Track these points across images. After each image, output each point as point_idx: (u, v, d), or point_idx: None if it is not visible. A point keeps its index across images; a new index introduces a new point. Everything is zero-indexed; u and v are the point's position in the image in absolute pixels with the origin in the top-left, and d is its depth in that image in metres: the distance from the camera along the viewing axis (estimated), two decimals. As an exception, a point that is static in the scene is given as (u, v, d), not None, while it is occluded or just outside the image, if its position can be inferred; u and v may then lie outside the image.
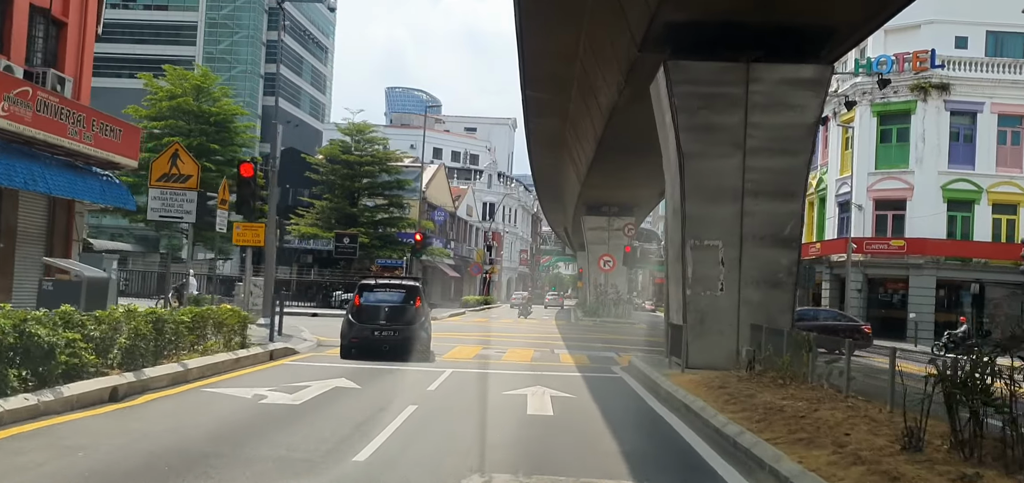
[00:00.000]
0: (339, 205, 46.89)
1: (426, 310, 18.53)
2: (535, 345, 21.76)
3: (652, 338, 27.66)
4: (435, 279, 61.11)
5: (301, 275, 48.49)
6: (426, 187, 56.69)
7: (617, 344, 23.81)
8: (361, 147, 48.10)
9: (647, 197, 40.01)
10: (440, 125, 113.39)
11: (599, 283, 42.36)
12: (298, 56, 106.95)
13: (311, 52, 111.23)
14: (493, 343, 21.89)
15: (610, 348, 22.04)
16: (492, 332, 27.15)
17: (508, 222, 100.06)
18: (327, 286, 41.95)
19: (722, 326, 14.00)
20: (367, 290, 18.14)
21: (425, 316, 18.07)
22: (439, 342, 20.28)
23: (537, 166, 41.42)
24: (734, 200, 14.02)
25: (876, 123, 38.59)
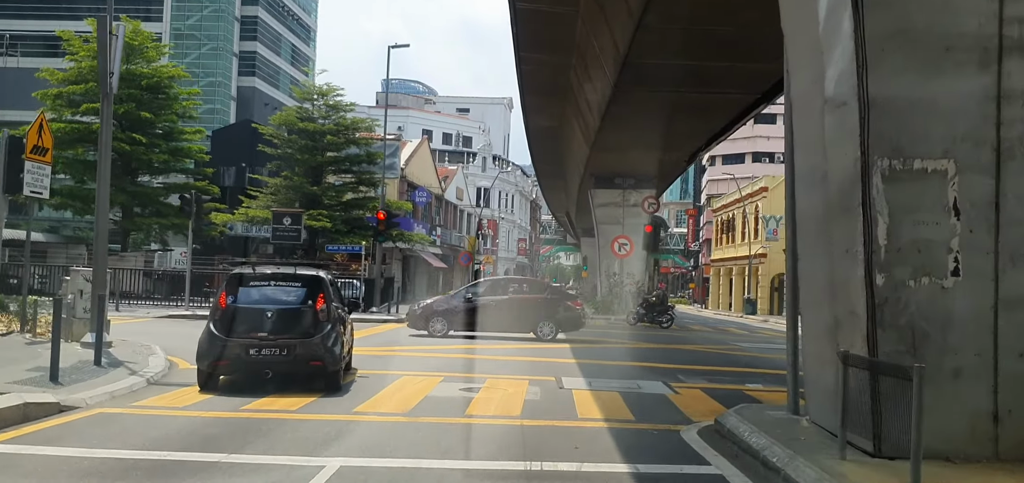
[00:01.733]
0: (299, 184, 38.94)
1: (338, 316, 10.87)
2: (531, 368, 13.86)
3: (698, 345, 19.75)
4: (418, 271, 53.10)
5: (255, 268, 40.42)
6: (406, 164, 48.70)
7: (655, 361, 15.91)
8: (324, 114, 40.08)
9: (673, 163, 32.05)
10: (430, 106, 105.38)
11: (613, 272, 34.43)
12: (276, 33, 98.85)
13: (291, 30, 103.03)
14: (468, 365, 13.96)
15: (650, 372, 14.16)
16: (476, 342, 19.21)
17: (504, 208, 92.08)
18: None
19: (959, 358, 6.11)
20: (241, 284, 10.37)
21: (335, 325, 10.53)
22: (386, 363, 13.19)
23: (534, 128, 33.48)
24: (982, 64, 6.06)
25: None
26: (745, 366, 16.02)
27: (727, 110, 21.32)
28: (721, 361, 17.13)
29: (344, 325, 11.22)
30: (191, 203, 25.35)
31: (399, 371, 12.75)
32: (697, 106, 20.89)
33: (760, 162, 74.09)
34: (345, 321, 11.31)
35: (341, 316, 11.06)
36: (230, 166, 48.24)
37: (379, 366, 13.46)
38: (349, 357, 12.42)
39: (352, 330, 12.91)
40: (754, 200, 55.13)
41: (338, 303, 11.28)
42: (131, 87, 37.68)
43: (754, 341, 24.50)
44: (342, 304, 12.02)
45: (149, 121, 38.20)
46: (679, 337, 24.74)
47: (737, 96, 19.68)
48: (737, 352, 19.58)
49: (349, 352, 12.25)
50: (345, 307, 12.24)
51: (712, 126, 23.66)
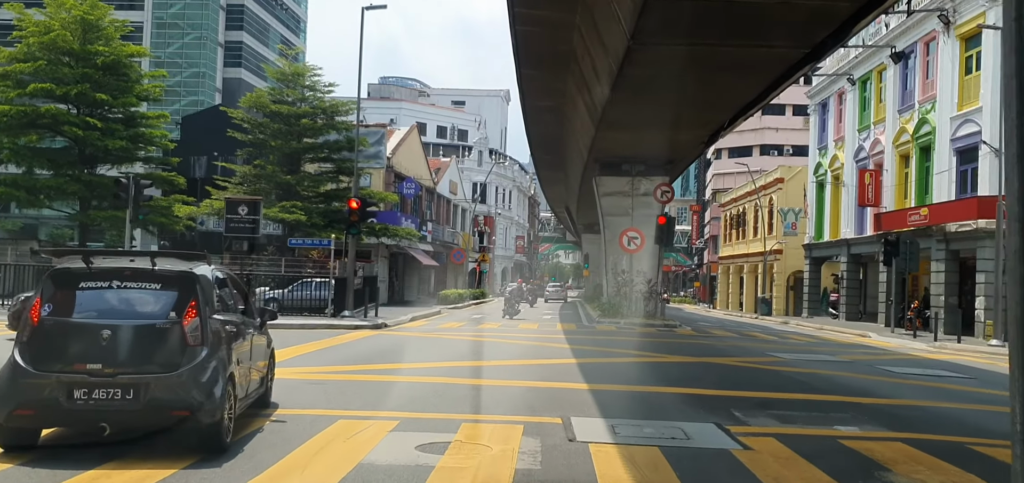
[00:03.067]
0: (272, 172, 35.14)
1: (224, 334, 7.02)
2: (529, 400, 10.08)
3: (731, 358, 15.92)
4: (408, 269, 49.23)
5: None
6: (393, 153, 44.85)
7: (690, 384, 12.10)
8: (301, 96, 36.25)
9: (689, 144, 28.17)
10: (425, 98, 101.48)
11: (621, 269, 30.55)
12: (264, 23, 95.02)
13: (280, 19, 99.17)
14: (440, 397, 10.12)
15: (690, 403, 10.36)
16: (456, 359, 15.46)
17: (502, 204, 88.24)
18: (248, 280, 30.10)
19: None
20: (66, 286, 6.49)
21: (217, 350, 6.71)
22: (331, 393, 9.74)
23: (532, 109, 29.64)
24: None
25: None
26: (809, 390, 12.22)
27: (767, 71, 17.50)
28: (772, 382, 13.31)
29: (240, 346, 7.43)
30: (128, 188, 21.49)
31: (341, 410, 8.92)
32: (731, 64, 17.06)
33: (768, 155, 70.51)
34: (240, 340, 7.51)
35: (233, 333, 7.24)
36: (202, 155, 44.42)
37: (318, 398, 9.65)
38: (264, 389, 8.66)
39: (271, 351, 9.14)
40: (768, 192, 51.35)
41: (230, 315, 7.46)
42: (86, 66, 34.00)
43: (789, 349, 20.73)
44: (247, 313, 8.27)
45: (106, 104, 34.44)
46: (705, 346, 20.92)
47: (784, 48, 15.90)
48: (784, 367, 15.79)
49: (261, 383, 8.48)
50: (255, 318, 8.47)
51: (744, 94, 19.81)
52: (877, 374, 15.27)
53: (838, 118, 40.62)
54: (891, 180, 33.84)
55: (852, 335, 29.00)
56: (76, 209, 35.94)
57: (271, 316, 8.94)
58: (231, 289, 8.04)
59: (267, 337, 8.92)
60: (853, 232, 37.76)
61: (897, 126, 33.44)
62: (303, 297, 26.38)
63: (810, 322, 37.44)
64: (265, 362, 8.69)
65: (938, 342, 24.12)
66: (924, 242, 29.31)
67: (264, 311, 8.85)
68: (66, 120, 33.53)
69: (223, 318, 7.11)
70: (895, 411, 10.76)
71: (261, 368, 8.45)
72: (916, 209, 30.49)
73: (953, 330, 27.26)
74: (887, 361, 18.35)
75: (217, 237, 39.61)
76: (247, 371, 7.67)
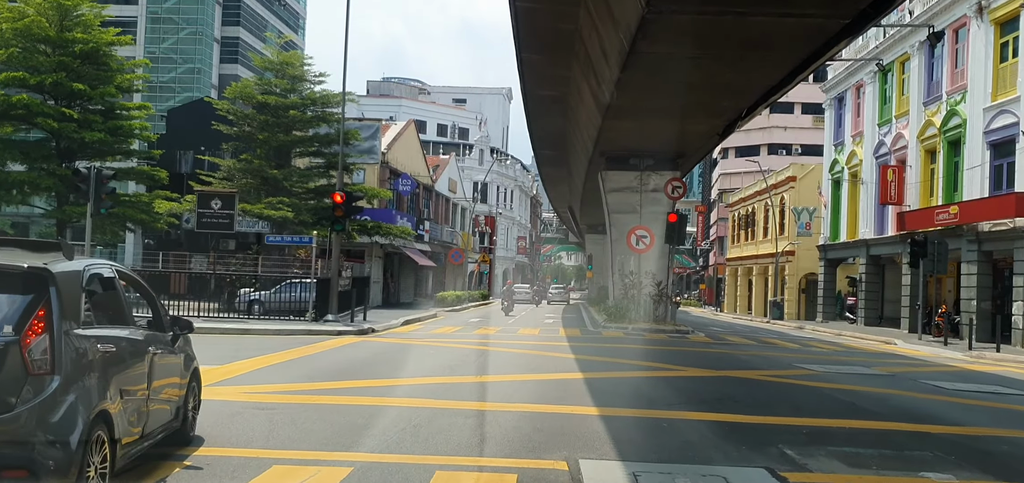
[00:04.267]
0: (258, 167, 33.13)
1: (92, 357, 4.91)
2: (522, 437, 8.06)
3: (757, 372, 13.88)
4: (403, 270, 47.24)
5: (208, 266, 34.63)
6: (388, 148, 42.88)
7: (718, 406, 10.11)
8: (289, 86, 34.24)
9: (703, 136, 26.10)
10: (425, 96, 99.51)
11: (629, 270, 28.52)
12: (261, 18, 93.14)
13: (278, 15, 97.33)
14: (415, 430, 8.12)
15: (725, 433, 8.39)
16: (444, 374, 13.51)
17: (503, 203, 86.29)
18: (232, 280, 28.18)
19: None
20: None
21: (82, 378, 4.71)
22: (280, 422, 7.78)
23: (534, 99, 27.66)
24: None
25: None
26: (861, 414, 10.23)
27: (798, 46, 15.48)
28: (815, 404, 11.31)
29: (129, 370, 5.49)
30: (87, 180, 19.50)
31: (282, 449, 6.95)
32: (757, 38, 15.06)
33: (776, 154, 68.53)
34: (130, 362, 5.58)
35: (113, 355, 5.27)
36: (188, 150, 42.49)
37: (259, 431, 7.67)
38: (181, 421, 6.78)
39: (193, 371, 7.20)
40: (779, 191, 49.32)
41: (111, 329, 5.51)
42: (63, 54, 32.04)
43: (816, 359, 18.75)
44: (155, 325, 6.42)
45: (83, 94, 32.46)
46: (725, 356, 18.91)
47: (819, 18, 13.92)
48: (820, 383, 13.78)
49: (176, 414, 6.59)
50: (166, 330, 6.53)
51: (770, 74, 17.78)
52: (927, 391, 13.27)
53: (856, 112, 38.57)
54: (915, 176, 31.79)
55: (875, 342, 26.99)
56: (53, 205, 33.98)
57: (186, 328, 6.94)
58: (124, 293, 6.07)
59: (184, 354, 7.03)
60: (872, 232, 35.72)
61: (923, 119, 31.39)
62: (288, 299, 24.48)
63: (826, 327, 35.39)
64: (180, 387, 6.81)
65: (974, 351, 22.10)
66: (953, 243, 27.27)
67: (178, 321, 6.88)
68: (40, 111, 31.57)
69: (96, 334, 5.16)
70: (977, 444, 8.78)
71: (172, 396, 6.56)
72: (944, 207, 28.46)
73: (986, 337, 25.31)
74: (927, 374, 16.36)
75: (204, 235, 37.79)
76: (142, 403, 5.78)
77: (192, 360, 7.25)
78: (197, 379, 7.36)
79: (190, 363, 7.15)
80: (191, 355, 7.25)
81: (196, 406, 7.30)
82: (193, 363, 7.25)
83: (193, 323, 7.09)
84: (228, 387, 10.12)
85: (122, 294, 6.07)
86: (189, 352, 7.20)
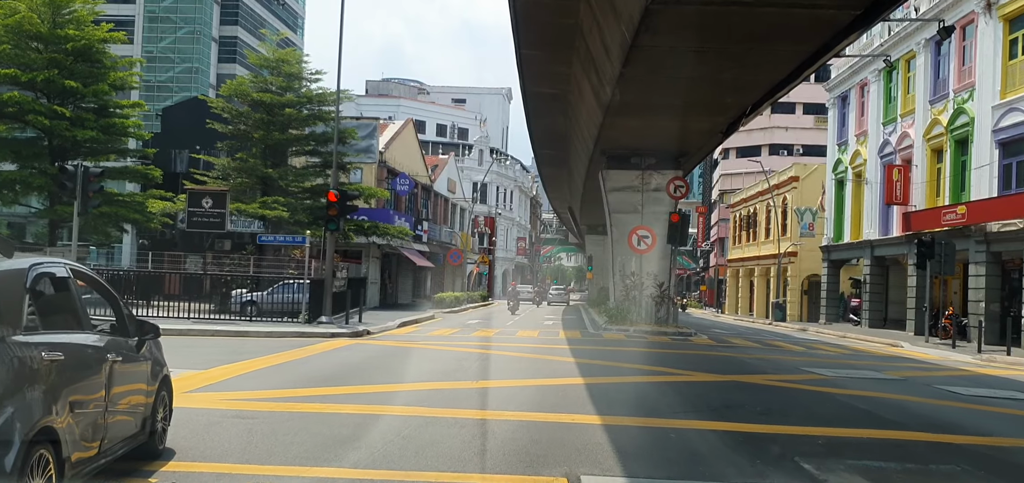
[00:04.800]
0: (253, 166, 32.56)
1: (34, 367, 4.40)
2: (519, 449, 7.50)
3: (764, 376, 13.29)
4: (401, 270, 46.69)
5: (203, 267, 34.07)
6: (386, 147, 42.34)
7: (728, 415, 9.55)
8: (284, 84, 33.66)
9: (706, 134, 25.55)
10: (424, 95, 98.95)
11: (630, 271, 27.96)
12: (259, 17, 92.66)
13: (277, 15, 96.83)
14: (405, 442, 7.57)
15: (739, 445, 7.85)
16: (439, 379, 12.98)
17: (503, 204, 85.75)
18: (226, 281, 27.58)
19: None
20: None
21: (20, 390, 4.21)
22: (266, 429, 7.25)
23: (534, 96, 27.12)
24: None
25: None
26: (879, 423, 9.69)
27: (808, 38, 14.92)
28: (829, 411, 10.76)
29: (83, 380, 5.01)
30: (74, 178, 18.93)
31: (259, 465, 6.40)
32: (766, 31, 14.50)
33: (778, 155, 68.04)
34: (84, 371, 5.07)
35: (60, 363, 4.70)
36: (183, 149, 41.92)
37: (236, 443, 7.12)
38: (148, 433, 6.24)
39: (163, 379, 6.65)
40: (782, 192, 48.78)
41: (61, 335, 4.98)
42: (54, 51, 31.49)
43: (824, 363, 18.22)
44: (118, 329, 5.91)
45: (75, 92, 31.88)
46: (730, 360, 18.35)
47: (831, 10, 13.37)
48: (832, 389, 13.21)
49: (142, 426, 6.07)
50: (131, 336, 6.03)
51: (778, 69, 17.19)
52: (943, 397, 12.73)
53: (860, 111, 38.03)
54: (921, 176, 31.24)
55: (881, 345, 26.45)
56: (45, 204, 33.42)
57: (152, 332, 6.35)
58: (78, 295, 5.49)
59: (151, 361, 6.43)
60: (877, 232, 35.17)
61: (929, 118, 30.85)
62: (283, 300, 23.93)
63: (830, 329, 34.84)
64: (146, 396, 6.22)
65: (984, 354, 21.54)
66: (960, 243, 26.74)
67: (144, 326, 6.29)
68: (32, 109, 31.01)
69: (41, 340, 4.61)
70: (1006, 455, 8.24)
71: (136, 406, 5.99)
72: (952, 207, 27.93)
73: (995, 340, 24.78)
74: (940, 378, 15.82)
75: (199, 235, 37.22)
76: (98, 416, 5.22)
77: (161, 367, 6.67)
78: (167, 388, 6.79)
79: (158, 370, 6.57)
80: (160, 361, 6.69)
81: (166, 416, 6.73)
82: (162, 370, 6.67)
83: (160, 327, 6.50)
84: (208, 394, 9.57)
85: (77, 296, 5.46)
86: (158, 358, 6.63)
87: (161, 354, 6.78)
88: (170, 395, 6.89)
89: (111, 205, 31.99)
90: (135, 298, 26.64)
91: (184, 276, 28.10)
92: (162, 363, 6.74)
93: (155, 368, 6.49)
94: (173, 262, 30.49)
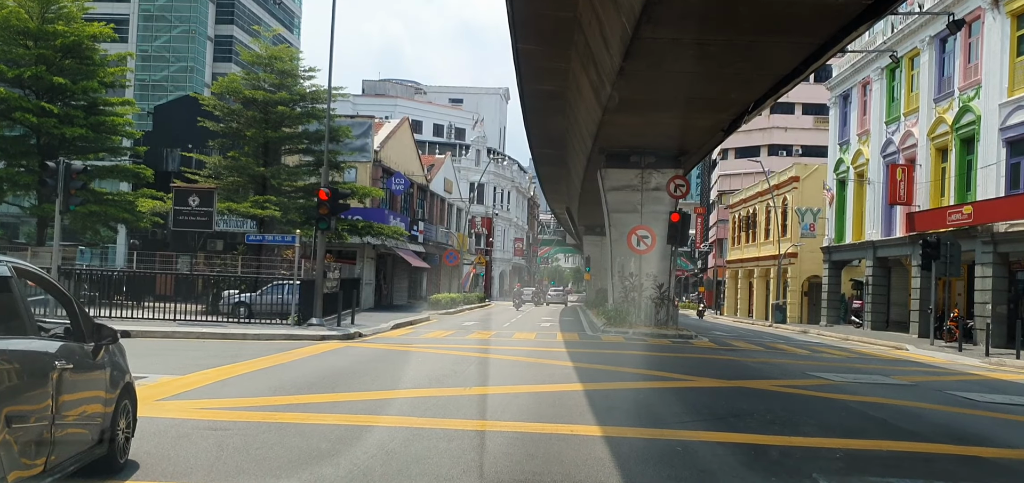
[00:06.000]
0: (245, 165, 31.93)
1: None
2: (513, 469, 6.87)
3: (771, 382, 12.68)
4: (397, 271, 46.09)
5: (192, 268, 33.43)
6: (381, 146, 41.72)
7: (741, 430, 8.95)
8: (277, 82, 33.02)
9: (707, 131, 24.95)
10: (421, 95, 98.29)
11: (629, 272, 27.37)
12: (255, 16, 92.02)
13: (273, 14, 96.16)
14: (388, 458, 6.95)
15: (749, 462, 7.24)
16: (430, 385, 12.37)
17: (500, 205, 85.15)
18: (216, 282, 26.91)
19: None
20: None
21: None
22: (238, 441, 6.51)
23: (532, 95, 26.52)
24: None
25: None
26: (895, 433, 9.11)
27: (816, 28, 14.31)
28: (841, 420, 10.16)
29: (26, 390, 4.62)
30: (56, 175, 18.30)
31: (224, 481, 5.79)
32: (773, 21, 13.90)
33: (777, 155, 67.50)
34: (28, 380, 4.69)
35: None
36: (175, 147, 41.27)
37: (204, 458, 6.51)
38: (107, 446, 5.75)
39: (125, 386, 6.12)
40: (782, 192, 48.22)
41: None
42: (43, 47, 30.88)
43: (830, 367, 17.65)
44: (72, 334, 5.52)
45: (64, 88, 31.24)
46: (733, 364, 17.75)
47: (840, 1, 12.79)
48: (842, 395, 12.63)
49: (100, 438, 5.60)
50: (87, 341, 5.58)
51: (784, 62, 16.59)
52: (958, 404, 12.14)
53: (862, 110, 37.48)
54: (925, 176, 30.69)
55: (885, 347, 25.88)
56: (33, 203, 32.76)
57: (110, 337, 5.81)
58: (23, 297, 4.99)
59: (110, 368, 5.91)
60: (880, 233, 34.61)
61: (933, 116, 30.30)
62: (274, 301, 23.31)
63: (831, 331, 34.27)
64: (105, 405, 5.74)
65: (992, 358, 20.97)
66: (966, 244, 26.17)
67: (102, 330, 5.76)
68: (19, 105, 30.37)
69: None
70: (1037, 472, 7.64)
71: (92, 416, 5.54)
72: (957, 207, 27.36)
73: (1002, 342, 24.22)
74: (951, 383, 15.25)
75: (191, 235, 36.58)
76: (44, 429, 4.77)
77: (123, 374, 6.17)
78: (130, 396, 6.28)
79: (119, 377, 6.06)
80: (122, 367, 6.19)
81: (129, 426, 6.20)
82: (124, 377, 6.16)
83: (118, 332, 5.95)
84: (182, 402, 8.96)
85: (20, 298, 4.97)
86: (119, 364, 6.13)
87: (124, 360, 6.30)
88: (134, 404, 6.39)
89: (100, 204, 31.36)
90: (125, 299, 26.03)
91: (176, 276, 27.45)
92: (124, 370, 6.24)
93: (115, 375, 5.97)
94: (164, 262, 29.88)
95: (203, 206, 21.27)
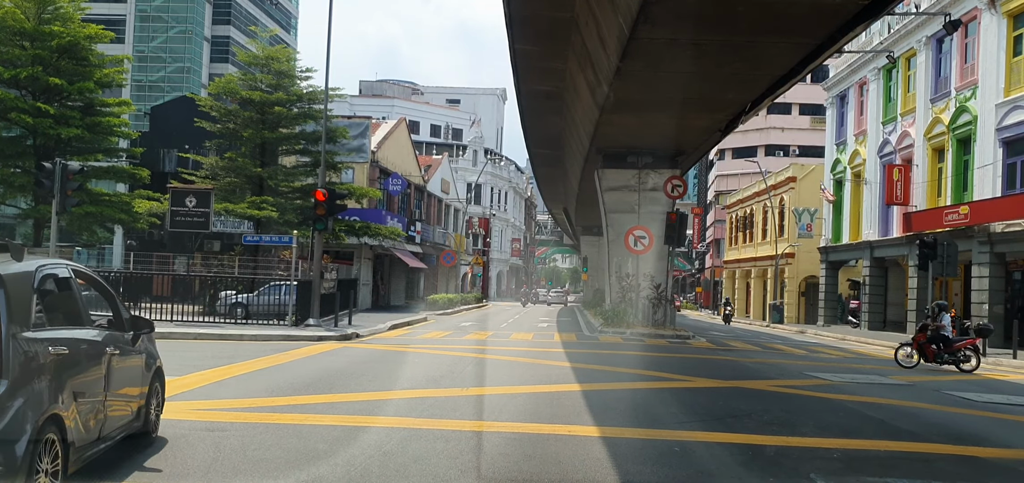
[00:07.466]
0: (242, 165, 31.89)
1: (44, 360, 5.01)
2: (511, 475, 6.82)
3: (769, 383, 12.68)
4: (394, 272, 46.06)
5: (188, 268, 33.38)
6: (378, 147, 41.69)
7: (740, 430, 8.95)
8: (273, 82, 32.97)
9: (704, 131, 24.95)
10: (418, 96, 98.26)
11: (626, 272, 27.38)
12: (252, 17, 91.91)
13: (270, 15, 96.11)
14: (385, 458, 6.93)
15: (748, 463, 7.23)
16: (426, 386, 12.35)
17: (498, 205, 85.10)
18: (213, 282, 26.87)
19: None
20: None
21: (31, 381, 4.85)
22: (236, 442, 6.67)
23: (529, 95, 26.52)
24: None
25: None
26: (894, 433, 9.11)
27: (815, 27, 14.27)
28: (840, 420, 10.16)
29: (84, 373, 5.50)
30: (52, 175, 18.26)
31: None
32: (771, 20, 13.88)
33: (774, 156, 67.54)
34: (85, 364, 5.58)
35: (65, 358, 5.23)
36: (172, 148, 41.21)
37: (203, 458, 6.50)
38: (144, 421, 6.81)
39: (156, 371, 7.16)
40: (779, 192, 48.26)
41: (66, 330, 5.50)
42: (39, 47, 30.79)
43: (827, 367, 17.69)
44: (115, 325, 6.48)
45: (61, 89, 31.15)
46: (731, 364, 17.76)
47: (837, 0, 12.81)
48: (839, 395, 12.63)
49: (138, 414, 6.63)
50: (127, 330, 6.57)
51: (782, 61, 16.57)
52: (956, 404, 12.15)
53: (859, 111, 37.52)
54: (922, 176, 30.73)
55: (882, 348, 25.90)
56: (30, 204, 32.68)
57: (146, 327, 6.87)
58: (79, 293, 5.98)
59: (146, 354, 6.97)
60: (877, 233, 34.65)
61: (930, 116, 30.34)
62: (271, 302, 23.26)
63: (828, 331, 34.29)
64: (141, 386, 6.76)
65: (990, 358, 21.01)
66: (963, 244, 26.20)
67: (139, 321, 6.80)
68: (15, 106, 30.29)
69: (48, 336, 5.11)
70: (1034, 472, 7.64)
71: (132, 395, 6.52)
72: (954, 207, 27.40)
73: (999, 342, 24.24)
74: (948, 383, 15.27)
75: (188, 236, 36.55)
76: (99, 405, 5.67)
77: (154, 359, 7.17)
78: (160, 379, 7.32)
79: (152, 363, 7.08)
80: (153, 354, 7.18)
81: (160, 404, 7.27)
82: (155, 362, 7.18)
83: (154, 323, 6.95)
84: (180, 403, 8.93)
85: (78, 294, 5.91)
86: (151, 351, 7.11)
87: (154, 348, 7.27)
88: (163, 386, 7.45)
89: (96, 205, 31.27)
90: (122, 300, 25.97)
91: (172, 277, 27.39)
92: (155, 356, 7.23)
93: (149, 361, 6.96)
94: (161, 263, 29.81)
95: (200, 207, 21.24)
